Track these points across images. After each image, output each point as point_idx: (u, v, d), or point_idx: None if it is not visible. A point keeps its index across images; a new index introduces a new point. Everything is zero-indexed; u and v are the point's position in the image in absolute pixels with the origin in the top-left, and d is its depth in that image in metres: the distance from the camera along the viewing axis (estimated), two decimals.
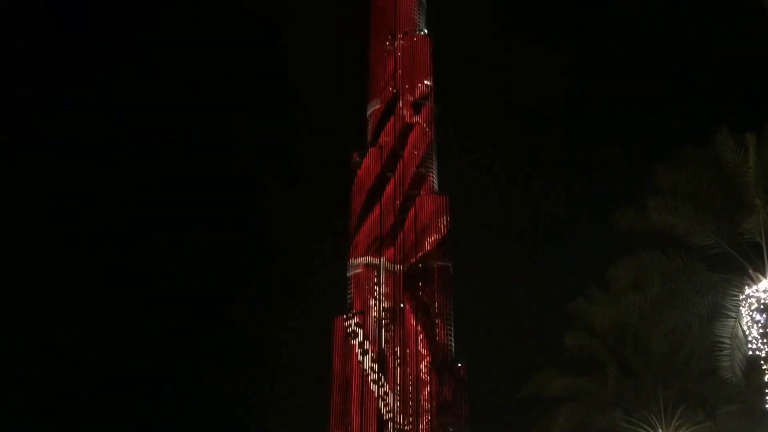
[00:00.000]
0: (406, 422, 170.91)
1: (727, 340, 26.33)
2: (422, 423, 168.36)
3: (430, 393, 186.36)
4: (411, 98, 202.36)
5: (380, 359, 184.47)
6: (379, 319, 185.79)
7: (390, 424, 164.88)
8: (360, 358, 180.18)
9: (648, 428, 33.16)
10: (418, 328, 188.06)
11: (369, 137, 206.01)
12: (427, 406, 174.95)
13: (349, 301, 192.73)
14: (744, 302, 25.37)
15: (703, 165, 26.83)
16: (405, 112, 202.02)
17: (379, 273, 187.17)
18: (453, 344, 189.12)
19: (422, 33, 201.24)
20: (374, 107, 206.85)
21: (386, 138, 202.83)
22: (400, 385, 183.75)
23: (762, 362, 25.12)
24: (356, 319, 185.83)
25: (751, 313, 25.06)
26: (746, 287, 25.40)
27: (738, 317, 25.82)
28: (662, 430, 32.93)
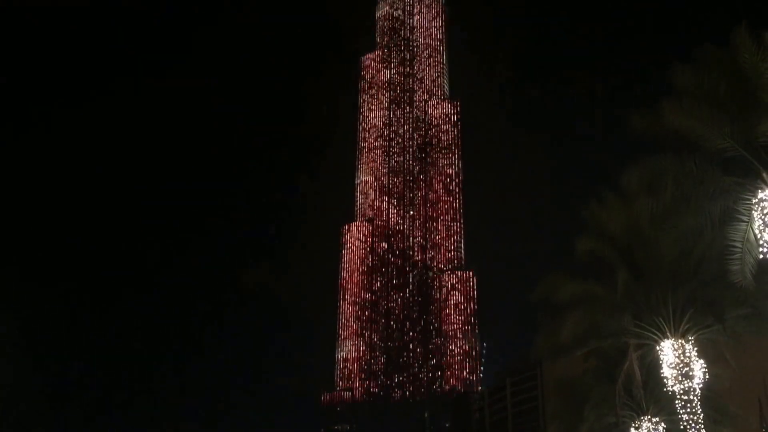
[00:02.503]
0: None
1: (738, 244, 26.10)
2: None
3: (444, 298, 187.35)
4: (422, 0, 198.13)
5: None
6: (388, 221, 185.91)
7: None
8: None
9: (656, 332, 33.26)
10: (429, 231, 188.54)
11: (377, 39, 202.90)
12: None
13: (357, 210, 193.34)
14: (756, 206, 25.06)
15: (720, 65, 26.02)
16: (415, 14, 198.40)
17: (388, 180, 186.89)
18: (463, 249, 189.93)
19: None
20: (383, 10, 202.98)
21: (395, 40, 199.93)
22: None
23: None
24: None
25: (763, 217, 24.78)
26: (759, 191, 25.03)
27: (750, 221, 25.55)
28: (670, 333, 33.04)
